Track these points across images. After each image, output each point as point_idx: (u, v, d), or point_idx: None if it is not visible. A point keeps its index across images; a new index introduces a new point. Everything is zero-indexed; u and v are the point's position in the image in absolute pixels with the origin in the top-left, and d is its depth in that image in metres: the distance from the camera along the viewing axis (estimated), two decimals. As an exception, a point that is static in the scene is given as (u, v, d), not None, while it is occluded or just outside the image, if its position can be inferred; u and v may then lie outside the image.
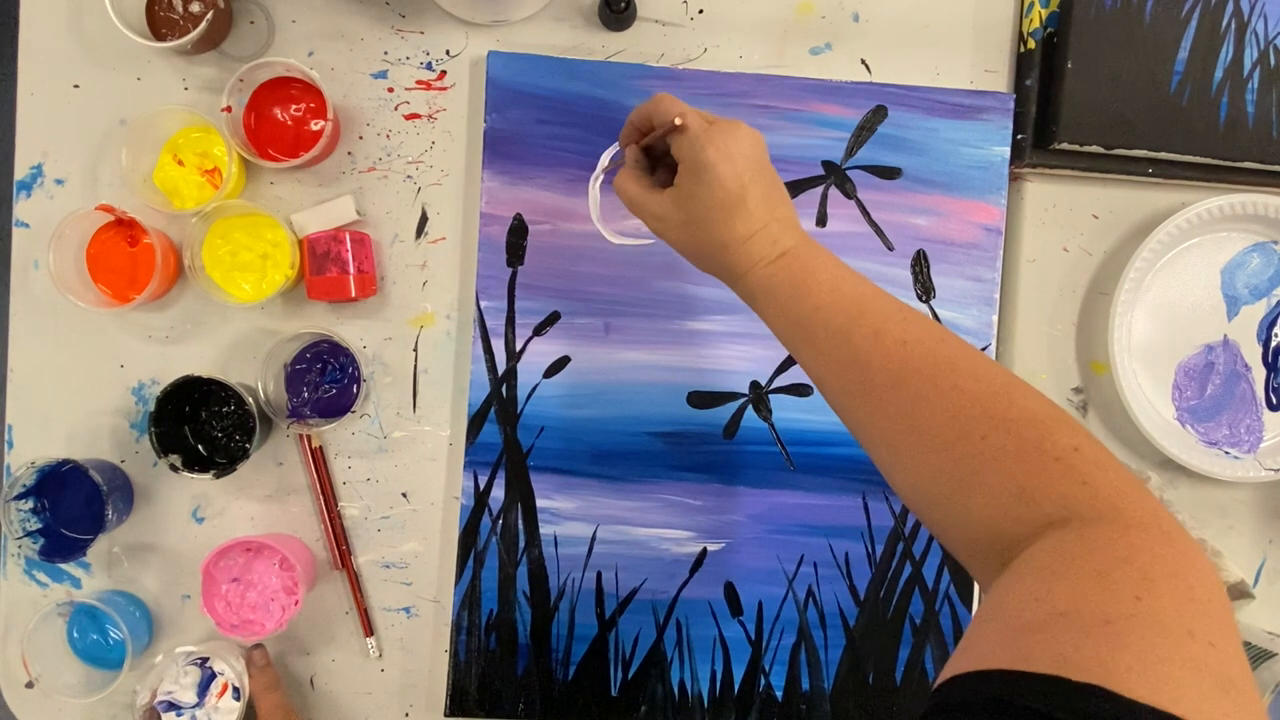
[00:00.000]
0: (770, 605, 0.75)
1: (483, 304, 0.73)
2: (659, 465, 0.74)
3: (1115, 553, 0.38)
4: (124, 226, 0.72)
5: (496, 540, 0.74)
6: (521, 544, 0.74)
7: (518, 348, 0.74)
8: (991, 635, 0.38)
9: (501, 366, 0.74)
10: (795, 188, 0.75)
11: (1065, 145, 0.73)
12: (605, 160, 0.73)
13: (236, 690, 0.70)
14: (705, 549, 0.75)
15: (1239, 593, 0.75)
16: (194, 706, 0.69)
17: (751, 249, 0.56)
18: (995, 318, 0.75)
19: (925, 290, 0.75)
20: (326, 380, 0.74)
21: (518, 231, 0.74)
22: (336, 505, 0.74)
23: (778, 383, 0.75)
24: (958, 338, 0.52)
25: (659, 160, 0.63)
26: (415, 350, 0.75)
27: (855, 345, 0.52)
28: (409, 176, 0.74)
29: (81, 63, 0.73)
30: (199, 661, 0.70)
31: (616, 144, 0.71)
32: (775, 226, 0.57)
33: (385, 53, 0.74)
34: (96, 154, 0.73)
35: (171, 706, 0.69)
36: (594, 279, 0.74)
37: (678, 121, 0.56)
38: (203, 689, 0.69)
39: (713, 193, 0.56)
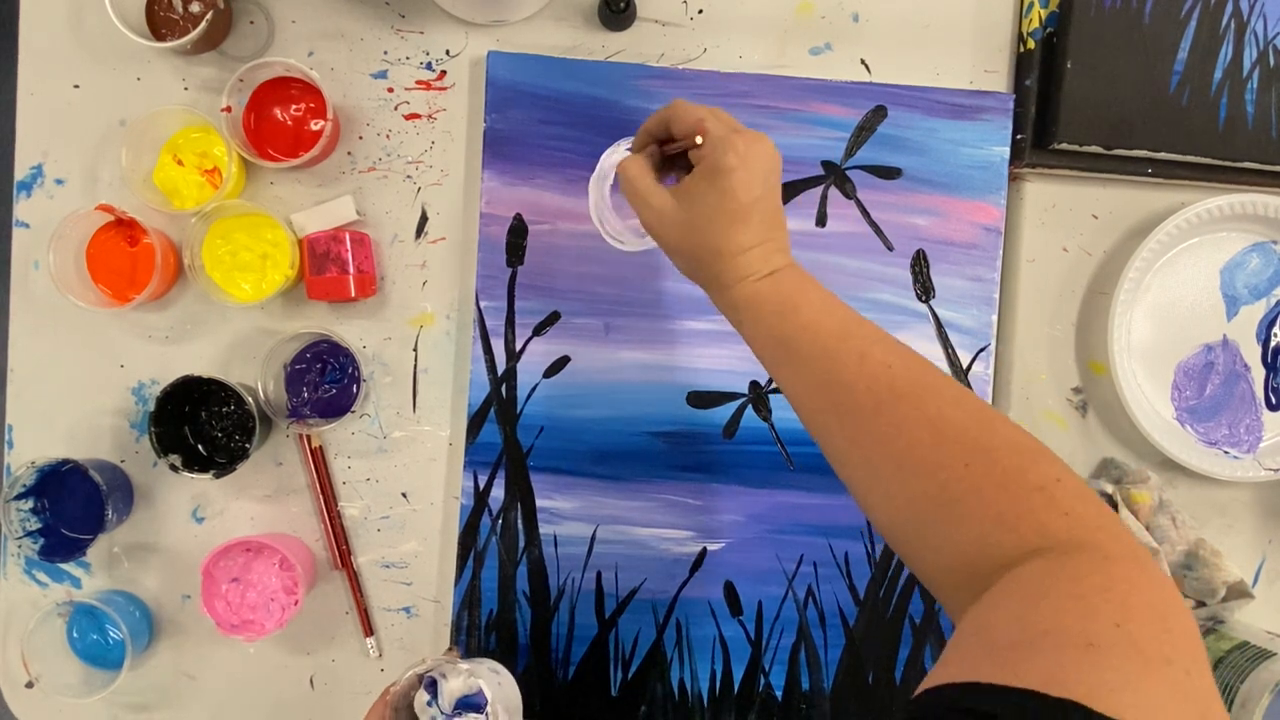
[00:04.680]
0: (770, 605, 0.75)
1: (482, 304, 0.73)
2: (659, 465, 0.74)
3: (1095, 580, 0.39)
4: (124, 226, 0.72)
5: (496, 540, 0.74)
6: (521, 544, 0.74)
7: (517, 348, 0.74)
8: (972, 651, 0.38)
9: (501, 366, 0.74)
10: (795, 188, 0.75)
11: (1065, 145, 0.73)
12: (605, 160, 0.73)
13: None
14: (705, 549, 0.75)
15: (1238, 593, 0.75)
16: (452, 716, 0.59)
17: (745, 262, 0.56)
18: (995, 318, 0.75)
19: (925, 290, 0.75)
20: (326, 380, 0.74)
21: (518, 231, 0.74)
22: (336, 505, 0.74)
23: (777, 383, 0.75)
24: (938, 368, 0.52)
25: (671, 160, 0.63)
26: (415, 350, 0.75)
27: (840, 365, 0.52)
28: (409, 176, 0.74)
29: (81, 63, 0.73)
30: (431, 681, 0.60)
31: (616, 144, 0.71)
32: (771, 245, 0.57)
33: (385, 53, 0.74)
34: (96, 154, 0.73)
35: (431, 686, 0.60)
36: (594, 279, 0.74)
37: (699, 140, 0.56)
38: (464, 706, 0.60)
39: (723, 199, 0.55)
